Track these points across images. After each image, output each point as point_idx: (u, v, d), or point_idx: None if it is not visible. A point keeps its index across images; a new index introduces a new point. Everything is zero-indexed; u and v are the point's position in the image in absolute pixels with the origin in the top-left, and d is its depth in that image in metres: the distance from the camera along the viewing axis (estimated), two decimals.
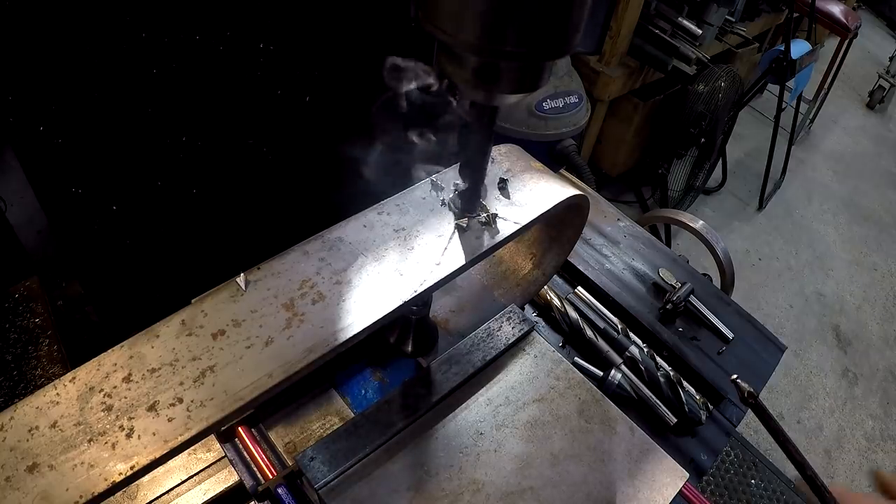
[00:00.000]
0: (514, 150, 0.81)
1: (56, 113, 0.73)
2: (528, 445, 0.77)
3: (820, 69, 4.27)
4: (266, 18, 0.81)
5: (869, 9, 7.07)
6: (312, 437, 0.80)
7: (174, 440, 0.48)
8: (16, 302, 1.04)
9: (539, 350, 0.88)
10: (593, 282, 1.20)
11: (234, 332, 0.55)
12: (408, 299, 0.61)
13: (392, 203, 0.70)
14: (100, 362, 0.52)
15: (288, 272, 0.61)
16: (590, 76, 2.72)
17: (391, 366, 0.90)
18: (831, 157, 4.64)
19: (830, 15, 3.91)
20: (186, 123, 0.83)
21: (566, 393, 0.83)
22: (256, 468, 0.76)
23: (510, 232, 0.69)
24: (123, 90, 0.76)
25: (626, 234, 1.35)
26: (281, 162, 0.95)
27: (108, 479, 0.46)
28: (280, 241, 0.64)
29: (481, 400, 0.81)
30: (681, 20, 2.81)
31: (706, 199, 3.85)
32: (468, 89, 0.53)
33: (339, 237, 0.65)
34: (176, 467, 0.78)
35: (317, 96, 0.91)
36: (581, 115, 2.26)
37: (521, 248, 1.00)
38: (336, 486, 0.70)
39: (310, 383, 0.85)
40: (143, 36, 0.73)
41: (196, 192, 0.90)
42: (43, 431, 0.48)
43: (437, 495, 0.71)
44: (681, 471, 0.77)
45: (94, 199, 0.82)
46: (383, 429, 0.75)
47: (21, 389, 0.93)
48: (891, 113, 5.49)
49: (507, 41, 0.46)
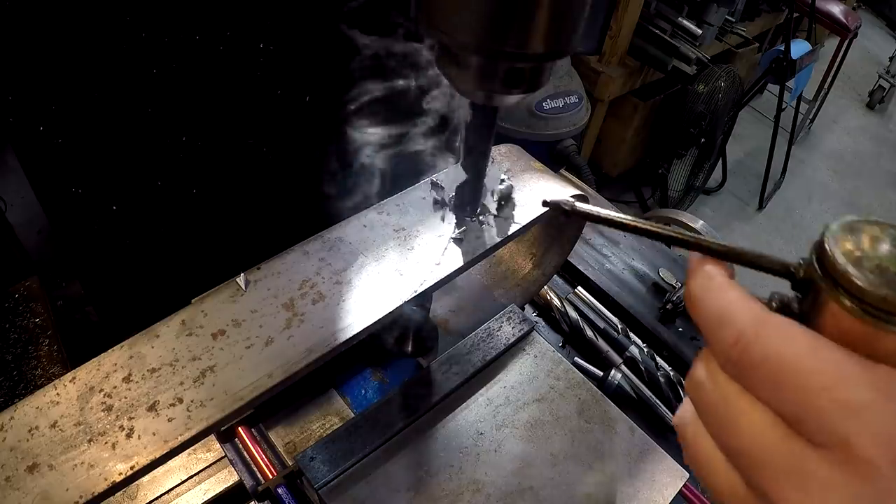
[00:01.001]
0: (514, 150, 0.81)
1: (56, 113, 0.73)
2: (528, 445, 0.77)
3: (820, 69, 4.27)
4: (266, 18, 0.81)
5: (869, 9, 7.07)
6: (312, 437, 0.80)
7: (174, 440, 0.48)
8: (16, 302, 1.04)
9: (539, 350, 0.88)
10: (593, 282, 1.20)
11: (234, 332, 0.55)
12: (408, 299, 0.61)
13: (392, 203, 0.70)
14: (100, 362, 0.52)
15: (288, 272, 0.61)
16: (590, 76, 2.72)
17: (391, 366, 0.90)
18: (831, 157, 4.64)
19: (830, 15, 3.91)
20: (186, 123, 0.83)
21: (566, 393, 0.83)
22: (256, 468, 0.76)
23: (510, 232, 0.69)
24: (123, 90, 0.76)
25: (625, 234, 1.35)
26: (281, 162, 0.95)
27: (108, 479, 0.46)
28: (280, 241, 0.64)
29: (481, 400, 0.81)
30: (681, 20, 2.81)
31: (706, 199, 3.86)
32: (468, 90, 0.53)
33: (339, 237, 0.65)
34: (176, 467, 0.78)
35: (317, 96, 0.91)
36: (581, 115, 2.26)
37: (521, 248, 1.00)
38: (336, 486, 0.70)
39: (310, 383, 0.85)
40: (143, 36, 0.73)
41: (196, 192, 0.90)
42: (43, 431, 0.48)
43: (437, 495, 0.71)
44: (681, 471, 0.77)
45: (94, 199, 0.82)
46: (383, 429, 0.75)
47: (21, 389, 0.93)
48: (891, 113, 5.48)
49: (509, 42, 0.46)
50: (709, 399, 0.33)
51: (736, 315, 0.32)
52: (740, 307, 0.32)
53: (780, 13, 3.96)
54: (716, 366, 0.33)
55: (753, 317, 0.31)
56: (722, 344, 0.32)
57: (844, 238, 0.31)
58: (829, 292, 0.30)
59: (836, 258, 0.30)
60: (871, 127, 5.22)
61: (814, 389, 0.28)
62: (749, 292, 0.33)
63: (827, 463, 0.28)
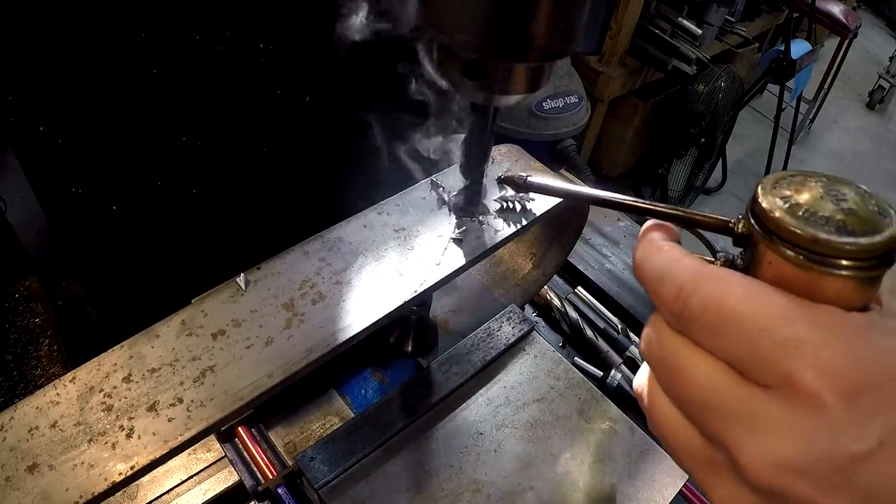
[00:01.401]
0: (514, 150, 0.81)
1: (56, 113, 0.73)
2: (528, 445, 0.77)
3: (820, 69, 4.27)
4: (266, 18, 0.81)
5: (869, 9, 7.07)
6: (312, 437, 0.80)
7: (174, 440, 0.48)
8: (16, 302, 1.04)
9: (539, 350, 0.88)
10: (593, 282, 1.20)
11: (234, 332, 0.55)
12: (408, 299, 0.61)
13: (392, 203, 0.70)
14: (100, 362, 0.52)
15: (288, 272, 0.61)
16: (590, 76, 2.72)
17: (391, 366, 0.90)
18: (831, 157, 4.64)
19: (830, 15, 3.91)
20: (186, 123, 0.83)
21: (566, 393, 0.83)
22: (256, 468, 0.76)
23: (510, 232, 0.69)
24: (123, 90, 0.76)
25: (626, 234, 1.35)
26: (281, 162, 0.95)
27: (108, 479, 0.46)
28: (280, 241, 0.64)
29: (481, 400, 0.81)
30: (681, 20, 2.81)
31: (706, 199, 3.85)
32: (469, 90, 0.53)
33: (339, 237, 0.65)
34: (176, 467, 0.78)
35: (317, 96, 0.91)
36: (581, 115, 2.26)
37: (521, 248, 1.00)
38: (336, 486, 0.70)
39: (310, 383, 0.85)
40: (143, 36, 0.73)
41: (196, 192, 0.90)
42: (43, 431, 0.48)
43: (437, 495, 0.71)
44: (681, 471, 0.77)
45: (94, 199, 0.82)
46: (383, 429, 0.75)
47: (21, 389, 0.93)
48: (891, 113, 5.48)
49: (510, 42, 0.46)
50: (657, 355, 0.34)
51: (675, 271, 0.33)
52: (679, 264, 0.33)
53: (780, 13, 3.96)
54: (662, 323, 0.34)
55: (692, 270, 0.32)
56: (665, 300, 0.33)
57: (775, 189, 0.32)
58: (766, 242, 0.31)
59: (767, 208, 0.31)
60: (871, 127, 5.22)
61: (753, 331, 0.29)
62: (688, 251, 0.35)
63: (774, 402, 0.28)
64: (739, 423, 0.29)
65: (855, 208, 0.30)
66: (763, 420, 0.28)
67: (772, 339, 0.28)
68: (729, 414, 0.30)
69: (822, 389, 0.27)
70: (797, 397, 0.27)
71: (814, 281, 0.29)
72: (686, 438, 0.33)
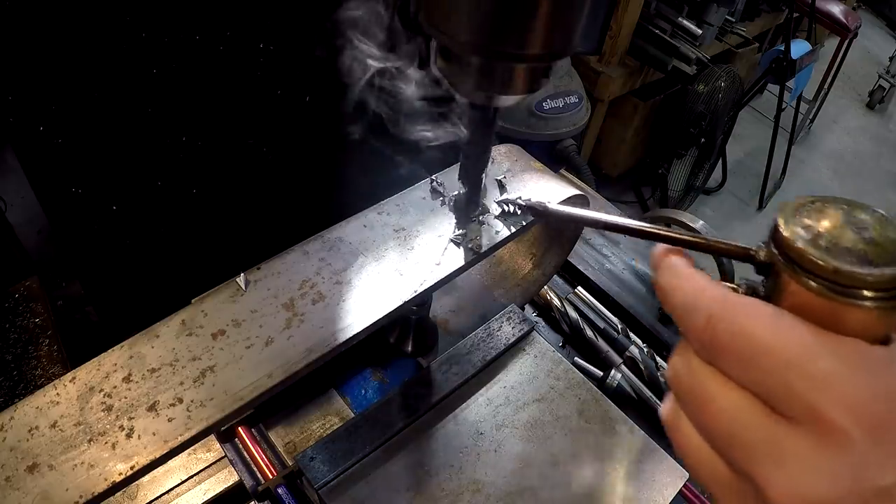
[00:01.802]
0: (514, 150, 0.81)
1: (56, 113, 0.73)
2: (528, 445, 0.77)
3: (820, 69, 4.26)
4: (266, 18, 0.81)
5: (869, 9, 7.07)
6: (312, 437, 0.80)
7: (174, 440, 0.48)
8: (16, 302, 1.04)
9: (539, 350, 0.88)
10: (593, 282, 1.20)
11: (234, 332, 0.55)
12: (408, 299, 0.61)
13: (392, 203, 0.70)
14: (100, 362, 0.52)
15: (288, 272, 0.61)
16: (590, 76, 2.72)
17: (391, 366, 0.90)
18: (831, 157, 4.64)
19: (830, 15, 3.91)
20: (186, 123, 0.83)
21: (566, 393, 0.83)
22: (256, 468, 0.76)
23: (510, 232, 0.69)
24: (123, 90, 0.76)
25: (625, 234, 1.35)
26: (281, 162, 0.95)
27: (108, 479, 0.46)
28: (280, 241, 0.64)
29: (481, 400, 0.81)
30: (681, 20, 2.81)
31: (706, 199, 3.85)
32: (469, 91, 0.53)
33: (339, 237, 0.65)
34: (176, 467, 0.78)
35: (317, 96, 0.91)
36: (581, 115, 2.26)
37: (521, 248, 1.00)
38: (336, 486, 0.70)
39: (310, 383, 0.85)
40: (143, 36, 0.73)
41: (196, 192, 0.90)
42: (43, 431, 0.48)
43: (437, 495, 0.71)
44: (681, 471, 0.77)
45: (94, 199, 0.82)
46: (383, 429, 0.75)
47: (21, 389, 0.93)
48: (891, 113, 5.48)
49: (510, 42, 0.46)
50: (686, 385, 0.34)
51: (703, 300, 0.33)
52: (707, 292, 0.33)
53: (780, 13, 3.96)
54: (691, 352, 0.34)
55: (720, 300, 0.32)
56: (693, 329, 0.33)
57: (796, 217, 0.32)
58: (788, 271, 0.31)
59: (789, 238, 0.31)
60: (871, 127, 5.22)
61: (781, 365, 0.29)
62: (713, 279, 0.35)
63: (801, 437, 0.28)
64: (767, 456, 0.29)
65: (876, 237, 0.30)
66: (790, 454, 0.28)
67: (799, 372, 0.28)
68: (756, 448, 0.30)
69: (849, 424, 0.27)
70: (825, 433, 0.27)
71: (837, 311, 0.29)
72: (713, 467, 0.33)
